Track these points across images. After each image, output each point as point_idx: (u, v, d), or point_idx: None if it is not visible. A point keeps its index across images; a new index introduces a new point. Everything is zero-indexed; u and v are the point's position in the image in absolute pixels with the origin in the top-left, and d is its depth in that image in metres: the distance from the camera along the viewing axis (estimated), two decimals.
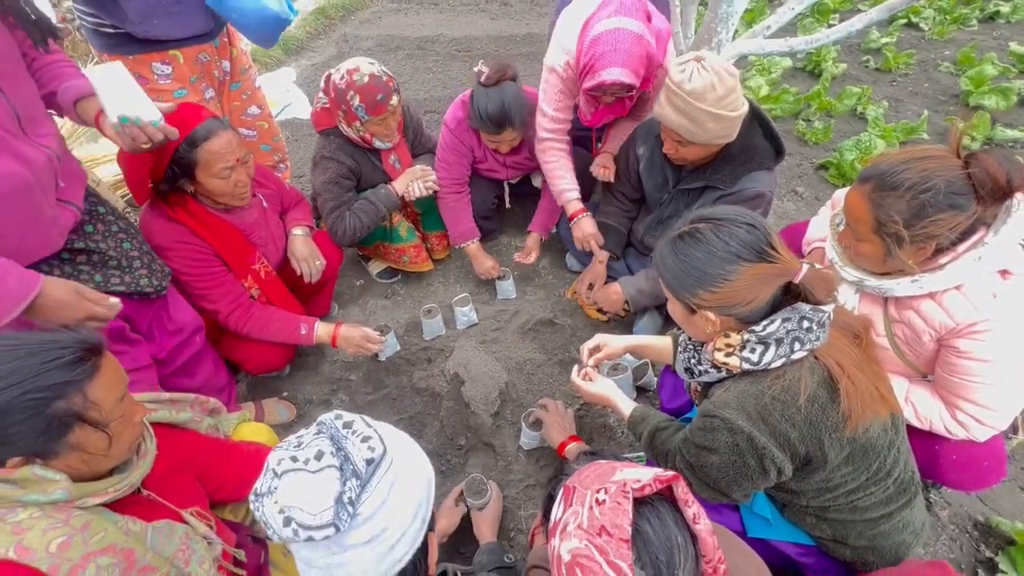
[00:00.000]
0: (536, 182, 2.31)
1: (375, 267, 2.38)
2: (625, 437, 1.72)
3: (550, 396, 1.83)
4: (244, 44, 2.02)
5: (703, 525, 0.68)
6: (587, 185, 2.36)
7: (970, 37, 4.39)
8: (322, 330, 1.71)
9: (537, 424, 1.62)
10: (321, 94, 1.90)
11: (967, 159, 1.00)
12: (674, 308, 1.03)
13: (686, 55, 1.51)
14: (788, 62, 3.87)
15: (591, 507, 0.67)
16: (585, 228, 2.03)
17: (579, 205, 2.05)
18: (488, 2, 5.77)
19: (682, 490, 0.69)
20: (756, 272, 0.88)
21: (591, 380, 1.40)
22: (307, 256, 1.82)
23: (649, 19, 1.69)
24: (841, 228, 1.23)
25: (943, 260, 1.07)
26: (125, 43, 1.71)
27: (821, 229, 1.49)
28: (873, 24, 2.27)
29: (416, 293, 2.33)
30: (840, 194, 1.48)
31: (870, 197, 1.06)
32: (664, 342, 1.43)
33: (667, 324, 2.04)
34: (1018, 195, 1.02)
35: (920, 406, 1.21)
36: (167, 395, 1.14)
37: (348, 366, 2.00)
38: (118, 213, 1.40)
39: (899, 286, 1.12)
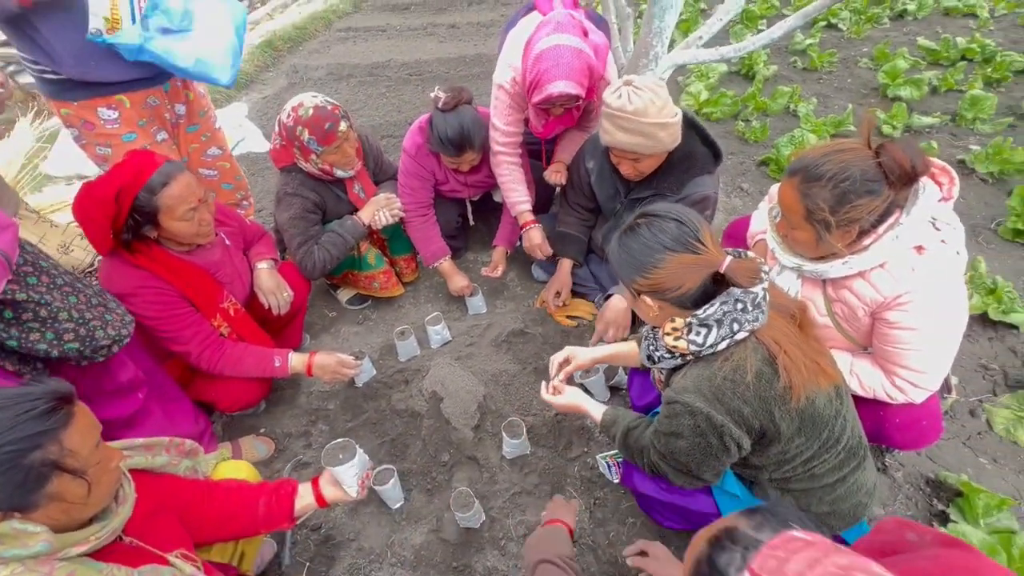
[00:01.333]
0: (497, 198, 2.38)
1: (344, 294, 2.39)
2: (603, 437, 1.78)
3: (527, 403, 1.88)
4: (202, 87, 2.03)
5: None
6: (545, 195, 2.45)
7: (883, 34, 4.77)
8: (296, 360, 1.71)
9: (518, 432, 1.67)
10: (276, 134, 1.92)
11: (877, 150, 1.11)
12: (624, 293, 1.12)
13: (616, 82, 1.63)
14: (724, 67, 4.11)
15: None
16: (533, 238, 2.15)
17: (530, 216, 2.15)
18: (436, 26, 5.89)
19: None
20: (682, 261, 0.99)
21: (560, 393, 1.46)
22: (274, 288, 1.82)
23: (585, 34, 1.81)
24: (778, 219, 1.34)
25: (867, 241, 1.18)
26: (70, 89, 1.70)
27: (762, 222, 1.61)
28: (794, 29, 2.46)
29: (388, 317, 2.35)
30: (775, 188, 1.60)
31: (799, 188, 1.16)
32: (629, 347, 1.51)
33: (635, 326, 2.12)
34: (923, 179, 1.15)
35: (864, 377, 1.32)
36: (140, 441, 1.13)
37: (325, 396, 2.00)
38: (62, 268, 1.35)
39: (832, 268, 1.23)
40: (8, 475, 0.76)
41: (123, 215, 1.44)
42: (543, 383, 1.49)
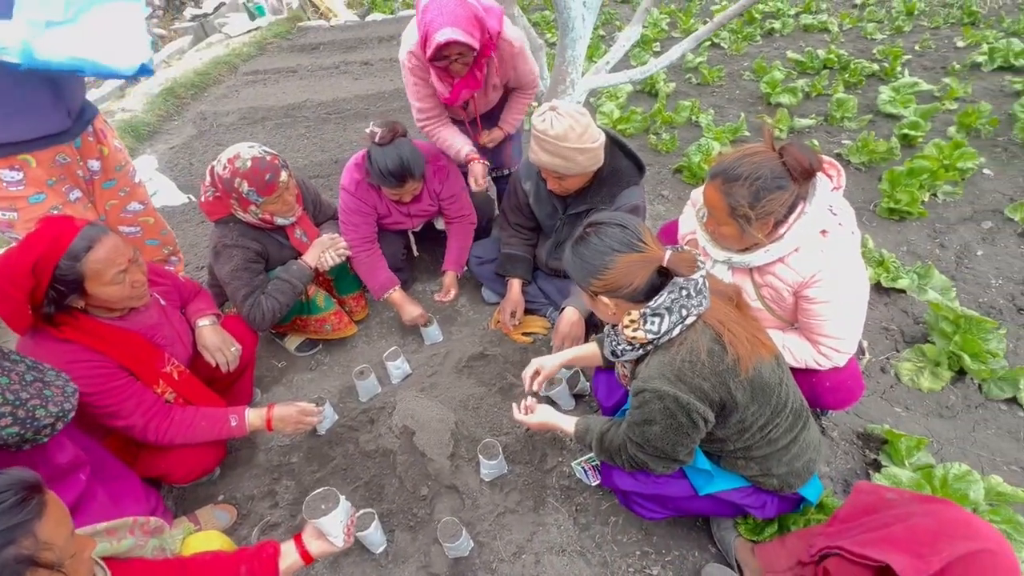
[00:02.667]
0: (439, 225, 2.42)
1: (292, 342, 2.30)
2: (574, 443, 1.84)
3: (498, 424, 1.91)
4: (118, 141, 1.91)
5: None
6: (485, 220, 2.53)
7: (759, 50, 5.41)
8: (254, 416, 1.63)
9: (495, 453, 1.69)
10: (208, 186, 1.85)
11: (780, 151, 1.29)
12: (583, 297, 1.24)
13: (543, 107, 1.75)
14: (630, 87, 4.46)
15: None
16: (476, 169, 2.22)
17: (475, 154, 2.23)
18: (348, 64, 5.89)
19: None
20: (629, 260, 1.10)
21: (532, 412, 1.52)
22: (220, 345, 1.73)
23: None
24: (705, 219, 1.50)
25: (782, 231, 1.36)
26: None
27: (689, 223, 1.77)
28: (687, 51, 2.76)
29: (341, 359, 2.29)
30: (697, 193, 1.78)
31: (721, 189, 1.31)
32: (590, 348, 1.60)
33: (588, 334, 2.22)
34: (819, 174, 1.34)
35: (795, 350, 1.49)
36: (103, 525, 1.04)
37: (286, 449, 1.91)
38: None
39: (756, 257, 1.39)
40: None
41: (43, 287, 1.32)
42: (514, 405, 1.54)
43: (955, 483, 1.52)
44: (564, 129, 1.68)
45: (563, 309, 1.99)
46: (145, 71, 1.61)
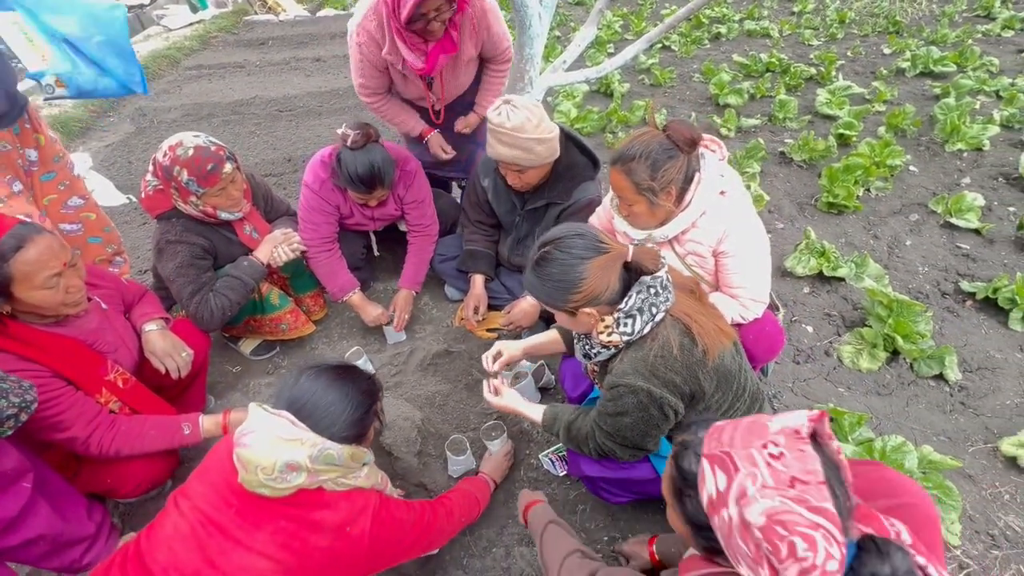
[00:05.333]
0: (402, 227, 2.38)
1: (248, 345, 2.21)
2: (541, 436, 1.86)
3: (465, 420, 1.90)
4: (51, 132, 1.78)
5: (843, 456, 0.74)
6: (451, 219, 2.51)
7: (707, 53, 5.63)
8: (209, 423, 1.56)
9: (462, 448, 1.68)
10: (150, 177, 1.76)
11: (664, 128, 1.39)
12: (559, 317, 1.23)
13: (497, 101, 1.76)
14: (586, 87, 4.55)
15: (768, 463, 0.69)
16: (434, 140, 2.32)
17: (429, 129, 2.31)
18: (299, 60, 5.71)
19: (826, 426, 0.73)
20: (600, 263, 1.11)
21: (500, 394, 1.52)
22: (169, 350, 1.64)
23: None
24: (619, 205, 1.56)
25: (688, 198, 1.46)
26: None
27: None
28: (639, 52, 2.84)
29: (300, 361, 2.22)
30: (594, 220, 1.85)
31: (622, 171, 1.41)
32: (551, 336, 1.63)
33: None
34: (701, 148, 1.45)
35: (722, 308, 1.55)
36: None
37: None
38: None
39: (672, 227, 1.49)
40: (367, 416, 1.12)
41: None
42: (484, 383, 1.54)
43: (892, 454, 1.64)
44: (521, 120, 1.70)
45: (495, 298, 2.05)
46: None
